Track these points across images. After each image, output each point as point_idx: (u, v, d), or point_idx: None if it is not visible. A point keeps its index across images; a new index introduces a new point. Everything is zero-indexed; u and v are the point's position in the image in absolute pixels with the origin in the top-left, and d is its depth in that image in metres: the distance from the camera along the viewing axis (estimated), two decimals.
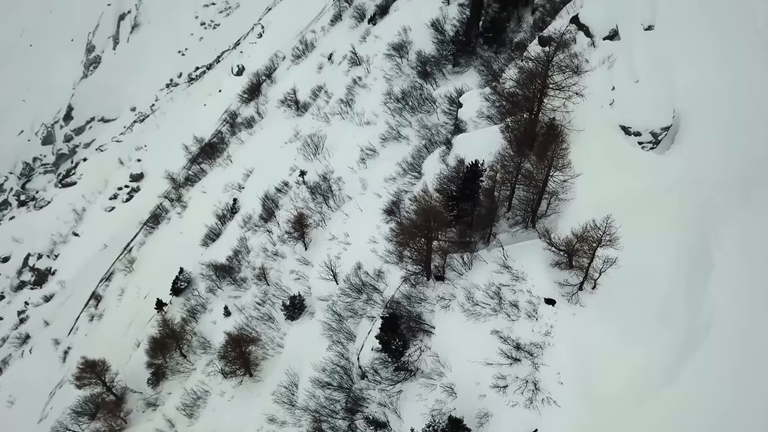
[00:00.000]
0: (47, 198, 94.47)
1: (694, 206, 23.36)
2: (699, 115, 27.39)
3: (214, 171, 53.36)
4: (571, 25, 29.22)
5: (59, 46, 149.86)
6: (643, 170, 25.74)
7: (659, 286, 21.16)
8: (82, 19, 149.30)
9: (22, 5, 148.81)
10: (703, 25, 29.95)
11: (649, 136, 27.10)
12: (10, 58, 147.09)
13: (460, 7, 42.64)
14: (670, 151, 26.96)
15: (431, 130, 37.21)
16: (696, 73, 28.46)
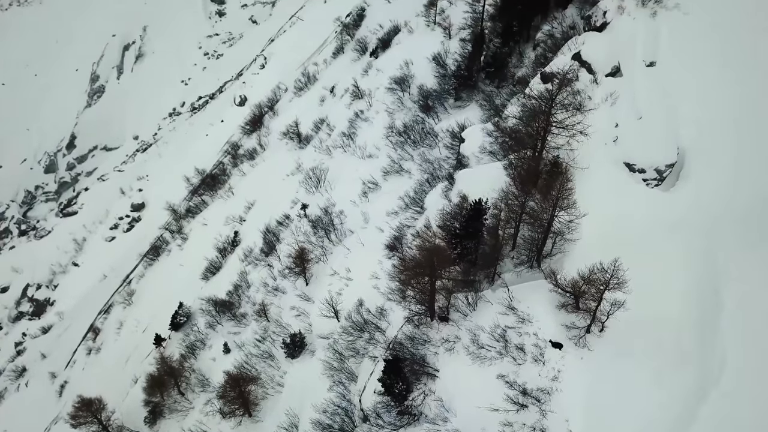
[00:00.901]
0: (48, 227, 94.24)
1: (702, 245, 22.99)
2: (704, 151, 27.25)
3: (215, 203, 53.20)
4: (573, 62, 29.29)
5: (64, 75, 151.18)
6: (649, 208, 25.46)
7: (669, 328, 20.67)
8: (87, 50, 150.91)
9: (28, 36, 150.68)
10: (705, 60, 30.06)
11: (653, 173, 26.92)
12: (15, 88, 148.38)
13: (462, 42, 42.95)
14: (676, 188, 26.73)
15: (433, 164, 37.09)
16: (699, 109, 28.45)
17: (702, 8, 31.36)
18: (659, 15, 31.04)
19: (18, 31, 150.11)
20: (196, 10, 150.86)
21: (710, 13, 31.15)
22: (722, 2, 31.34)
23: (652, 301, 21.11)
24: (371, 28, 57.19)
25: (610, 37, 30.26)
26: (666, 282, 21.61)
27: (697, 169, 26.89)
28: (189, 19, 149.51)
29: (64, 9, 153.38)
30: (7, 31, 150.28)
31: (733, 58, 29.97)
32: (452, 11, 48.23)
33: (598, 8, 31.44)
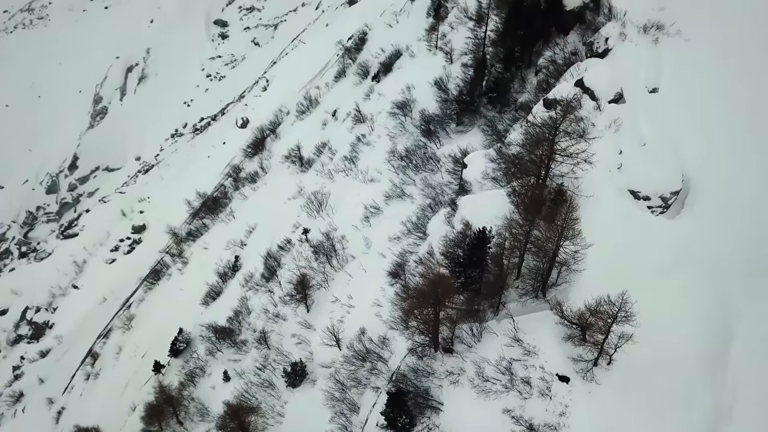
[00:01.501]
0: (48, 249, 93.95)
1: (710, 276, 22.64)
2: (709, 179, 27.04)
3: (216, 226, 52.96)
4: (575, 88, 29.24)
5: (67, 97, 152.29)
6: (654, 236, 25.16)
7: (678, 362, 20.24)
8: (90, 72, 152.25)
9: (33, 58, 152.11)
10: (707, 87, 30.02)
11: (658, 201, 26.68)
12: (18, 109, 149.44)
13: (464, 67, 42.99)
14: (681, 216, 26.48)
15: (435, 189, 36.90)
16: (702, 135, 28.31)
17: (703, 35, 31.42)
18: (661, 41, 31.11)
19: (23, 53, 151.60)
20: (199, 33, 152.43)
21: (711, 40, 31.20)
22: (723, 29, 31.42)
23: (660, 333, 20.71)
24: (373, 52, 57.48)
25: (612, 64, 30.26)
26: (674, 314, 21.22)
27: (702, 197, 26.67)
28: (192, 42, 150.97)
29: (69, 31, 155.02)
30: (13, 53, 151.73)
31: (734, 85, 29.93)
32: (454, 36, 48.45)
33: (599, 35, 31.51)
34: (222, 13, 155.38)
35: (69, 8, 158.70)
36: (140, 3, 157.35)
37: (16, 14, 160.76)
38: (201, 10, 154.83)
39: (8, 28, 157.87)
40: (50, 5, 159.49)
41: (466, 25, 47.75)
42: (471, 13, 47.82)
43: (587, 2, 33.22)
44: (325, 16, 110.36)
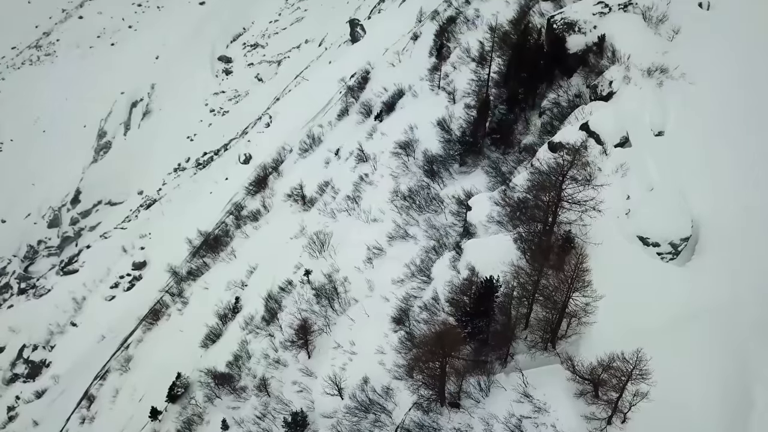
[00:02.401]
0: (48, 286, 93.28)
1: (725, 329, 21.94)
2: (720, 223, 26.58)
3: (217, 266, 52.40)
4: (581, 132, 29.03)
5: (72, 132, 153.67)
6: (665, 285, 24.55)
7: (695, 424, 19.36)
8: (95, 107, 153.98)
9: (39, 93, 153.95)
10: (712, 130, 29.85)
11: (668, 247, 26.17)
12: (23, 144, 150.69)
13: (467, 107, 43.03)
14: (692, 263, 25.92)
15: (439, 230, 36.42)
16: (711, 179, 27.99)
17: (707, 78, 31.39)
18: (665, 85, 31.05)
19: (29, 89, 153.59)
20: (203, 69, 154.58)
21: (716, 83, 31.16)
22: (727, 72, 31.42)
23: (676, 391, 19.88)
24: (376, 91, 57.79)
25: (617, 107, 30.12)
26: (690, 371, 20.44)
27: (713, 243, 26.17)
28: (196, 77, 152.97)
29: (75, 67, 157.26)
30: (19, 89, 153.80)
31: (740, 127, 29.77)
32: (456, 76, 48.70)
33: (603, 78, 31.47)
34: (226, 50, 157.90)
35: (76, 45, 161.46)
36: (146, 40, 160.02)
37: (23, 51, 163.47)
38: (206, 46, 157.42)
39: (16, 64, 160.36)
40: (58, 42, 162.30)
41: (469, 65, 48.08)
42: (473, 54, 48.21)
43: (590, 46, 33.31)
44: (328, 54, 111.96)
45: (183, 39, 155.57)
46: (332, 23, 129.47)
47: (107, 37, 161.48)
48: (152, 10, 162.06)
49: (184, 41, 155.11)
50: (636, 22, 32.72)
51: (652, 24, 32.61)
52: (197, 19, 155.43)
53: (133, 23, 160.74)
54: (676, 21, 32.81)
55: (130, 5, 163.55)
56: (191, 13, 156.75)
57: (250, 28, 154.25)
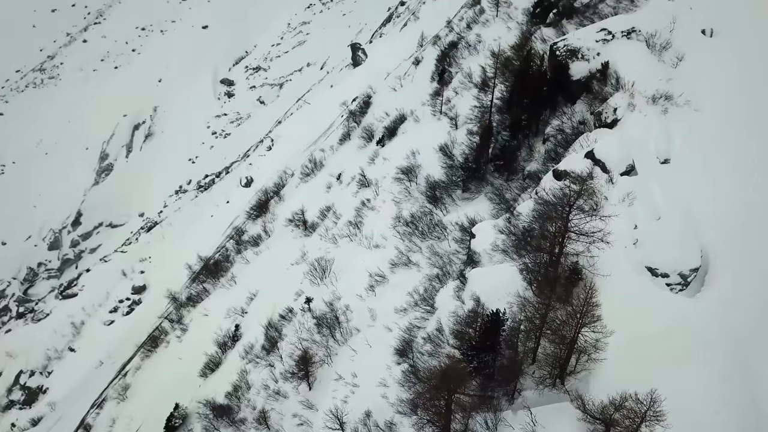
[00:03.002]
0: (46, 310, 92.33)
1: (739, 364, 21.29)
2: (728, 253, 26.08)
3: (216, 292, 51.73)
4: (586, 160, 28.67)
5: (74, 154, 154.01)
6: (676, 317, 23.93)
7: None
8: (98, 129, 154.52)
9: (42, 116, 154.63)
10: (718, 157, 29.50)
11: (677, 278, 25.61)
12: (25, 166, 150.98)
13: (469, 132, 42.81)
14: (702, 294, 25.34)
15: (443, 258, 35.88)
16: (719, 207, 27.54)
17: (712, 105, 31.14)
18: (670, 112, 30.79)
19: (33, 112, 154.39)
20: (206, 91, 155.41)
21: (720, 110, 30.91)
22: (731, 100, 31.21)
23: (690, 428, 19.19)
24: (377, 116, 57.71)
25: (622, 135, 29.81)
26: (705, 408, 19.74)
27: (722, 273, 25.67)
28: (199, 100, 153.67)
29: (78, 90, 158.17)
30: (23, 112, 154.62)
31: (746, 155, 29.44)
32: (458, 101, 48.60)
33: (608, 105, 31.24)
34: (229, 73, 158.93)
35: (80, 68, 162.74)
36: (149, 63, 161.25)
37: (27, 74, 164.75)
38: (208, 69, 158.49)
39: (20, 87, 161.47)
40: (62, 65, 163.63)
41: (471, 90, 48.01)
42: (475, 79, 48.18)
43: (594, 73, 33.17)
44: (330, 78, 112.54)
45: (186, 62, 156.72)
46: (334, 47, 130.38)
47: (111, 61, 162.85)
48: (156, 34, 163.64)
49: (187, 64, 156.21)
50: (640, 49, 32.62)
51: (655, 51, 32.52)
52: (200, 42, 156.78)
53: (136, 47, 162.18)
54: (680, 48, 32.71)
55: (134, 29, 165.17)
56: (194, 37, 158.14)
57: (252, 51, 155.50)
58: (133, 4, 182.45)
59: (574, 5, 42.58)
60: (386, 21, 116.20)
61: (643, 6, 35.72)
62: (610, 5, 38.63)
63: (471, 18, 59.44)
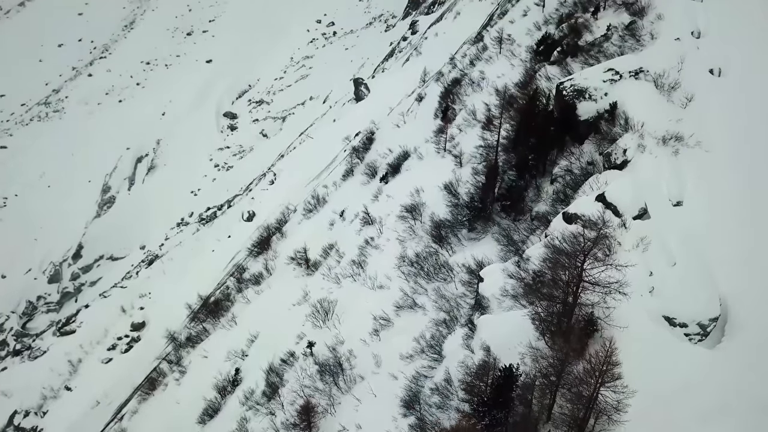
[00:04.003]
0: (43, 347, 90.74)
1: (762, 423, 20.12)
2: (749, 301, 25.07)
3: (216, 333, 50.49)
4: (597, 203, 27.91)
5: (77, 187, 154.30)
6: (695, 370, 22.82)
7: None
8: (101, 162, 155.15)
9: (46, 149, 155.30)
10: (731, 199, 28.77)
11: (696, 328, 24.54)
12: (27, 199, 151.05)
13: (474, 171, 42.24)
14: (722, 345, 24.22)
15: (450, 301, 34.86)
16: (735, 252, 26.65)
17: (723, 146, 30.55)
18: (681, 153, 30.15)
19: (37, 145, 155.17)
20: (209, 125, 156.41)
21: (732, 151, 30.31)
22: (742, 139, 30.65)
23: None
24: (381, 152, 57.34)
25: (633, 177, 29.12)
26: None
27: (744, 323, 24.59)
28: (202, 133, 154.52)
29: (82, 124, 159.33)
30: (27, 145, 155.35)
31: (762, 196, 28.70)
32: (462, 138, 48.28)
33: (617, 146, 30.63)
34: (232, 106, 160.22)
35: (85, 102, 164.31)
36: (153, 96, 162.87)
37: (33, 107, 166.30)
38: (211, 103, 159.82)
39: (24, 121, 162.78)
40: (66, 99, 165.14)
41: (475, 128, 47.69)
42: (479, 116, 47.90)
43: (602, 113, 32.69)
44: (333, 112, 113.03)
45: (189, 96, 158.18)
46: (336, 81, 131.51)
47: (115, 94, 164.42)
48: (160, 68, 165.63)
49: (191, 98, 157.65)
50: (648, 90, 32.21)
51: (664, 91, 32.10)
52: (204, 76, 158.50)
53: (141, 81, 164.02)
54: (689, 88, 32.29)
55: (139, 63, 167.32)
56: (198, 71, 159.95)
57: (255, 84, 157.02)
58: (139, 39, 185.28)
59: (578, 44, 42.47)
60: (388, 56, 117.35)
61: (650, 45, 35.47)
62: (615, 44, 38.45)
63: (474, 55, 59.61)
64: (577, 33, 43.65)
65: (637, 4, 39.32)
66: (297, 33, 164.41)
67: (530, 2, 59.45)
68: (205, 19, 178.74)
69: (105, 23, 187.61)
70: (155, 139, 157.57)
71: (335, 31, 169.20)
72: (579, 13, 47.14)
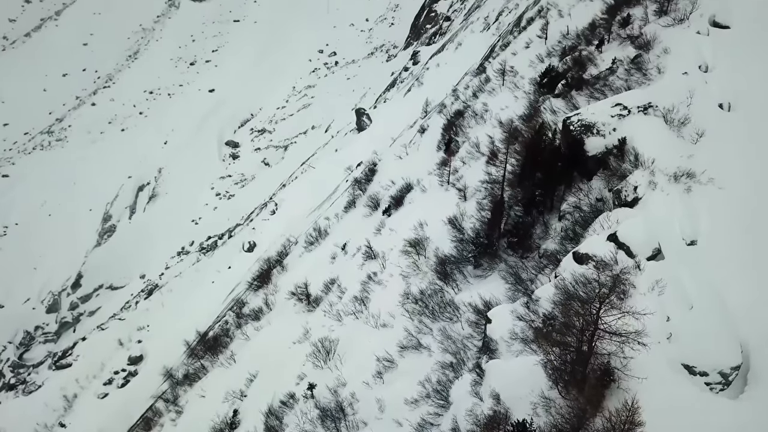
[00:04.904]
0: (38, 382, 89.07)
1: None
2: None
3: (215, 371, 49.14)
4: (609, 243, 26.93)
5: (77, 215, 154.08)
6: (720, 423, 21.51)
7: None
8: (102, 191, 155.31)
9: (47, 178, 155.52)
10: (746, 237, 27.76)
11: (717, 377, 23.23)
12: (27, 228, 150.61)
13: (479, 205, 41.39)
14: (746, 395, 22.92)
15: (456, 343, 33.60)
16: (755, 294, 25.55)
17: (736, 182, 29.67)
18: (694, 190, 29.23)
19: (39, 173, 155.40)
20: (211, 153, 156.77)
21: (745, 188, 29.44)
22: (756, 175, 29.80)
23: None
24: (383, 184, 56.71)
25: (645, 215, 28.17)
26: None
27: (766, 370, 23.34)
28: (204, 162, 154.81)
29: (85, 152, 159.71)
30: (29, 174, 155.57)
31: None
32: (466, 171, 47.60)
33: (627, 183, 29.75)
34: (234, 135, 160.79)
35: (87, 131, 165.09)
36: (156, 125, 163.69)
37: (35, 136, 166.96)
38: (214, 131, 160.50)
39: (27, 149, 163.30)
40: (69, 128, 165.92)
41: (479, 161, 47.06)
42: (483, 149, 47.30)
43: (610, 148, 31.93)
44: (335, 141, 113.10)
45: (192, 125, 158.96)
46: (338, 110, 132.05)
47: (118, 123, 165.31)
48: (163, 97, 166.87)
49: (193, 127, 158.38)
50: (657, 125, 31.51)
51: (674, 126, 31.39)
52: (207, 105, 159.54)
53: (144, 110, 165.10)
54: (699, 123, 31.57)
55: (142, 92, 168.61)
56: (201, 100, 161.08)
57: (258, 113, 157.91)
58: (143, 69, 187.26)
59: (582, 77, 42.03)
60: (390, 86, 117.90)
61: (657, 80, 34.94)
62: (621, 78, 37.94)
63: (477, 86, 59.40)
64: (581, 66, 43.30)
65: (642, 38, 38.93)
66: (299, 62, 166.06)
67: (532, 34, 59.50)
68: (208, 49, 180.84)
69: (109, 53, 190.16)
70: (157, 167, 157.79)
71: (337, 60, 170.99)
72: (582, 46, 46.92)
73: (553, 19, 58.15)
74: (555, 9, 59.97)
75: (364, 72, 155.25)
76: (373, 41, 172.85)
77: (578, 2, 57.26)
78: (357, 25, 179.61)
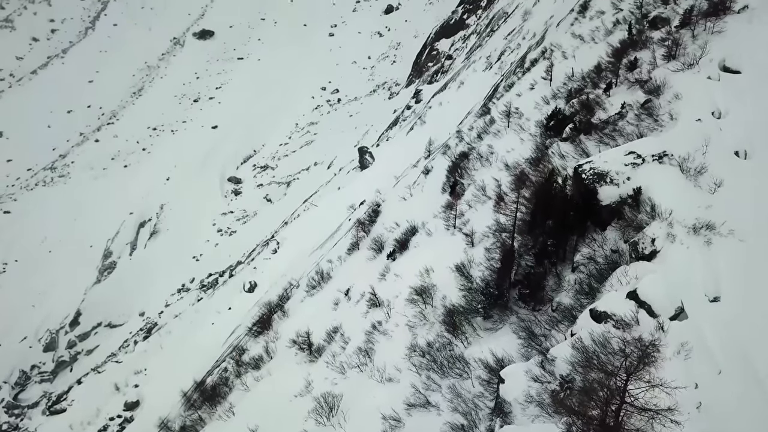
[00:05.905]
0: (31, 428, 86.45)
1: None
2: None
3: (213, 423, 47.03)
4: (629, 301, 25.55)
5: (78, 252, 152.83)
6: None
7: None
8: (103, 227, 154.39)
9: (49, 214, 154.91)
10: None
11: None
12: (27, 265, 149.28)
13: (487, 253, 40.08)
14: None
15: (467, 402, 31.82)
16: None
17: (758, 233, 28.47)
18: (714, 243, 28.00)
19: (40, 210, 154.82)
20: (213, 189, 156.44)
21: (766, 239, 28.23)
22: None
23: None
24: (387, 226, 55.54)
25: (665, 270, 26.85)
26: None
27: None
28: (205, 198, 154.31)
29: (87, 189, 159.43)
30: (30, 210, 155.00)
31: None
32: (472, 215, 46.47)
33: (645, 235, 28.52)
34: (236, 171, 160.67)
35: (90, 167, 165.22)
36: (158, 162, 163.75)
37: (38, 172, 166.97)
38: (216, 168, 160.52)
39: (29, 185, 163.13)
40: (72, 164, 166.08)
41: (485, 204, 45.98)
42: (489, 192, 46.28)
43: (625, 198, 30.81)
44: (337, 179, 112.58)
45: (194, 161, 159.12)
46: (341, 147, 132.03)
47: (121, 159, 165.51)
48: (167, 133, 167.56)
49: (196, 163, 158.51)
50: (674, 174, 30.48)
51: (690, 176, 30.35)
52: (209, 142, 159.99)
53: (147, 146, 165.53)
54: (716, 172, 30.56)
55: (146, 129, 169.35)
56: (204, 137, 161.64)
57: (260, 150, 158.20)
58: (147, 105, 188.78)
59: (591, 121, 41.27)
60: (392, 124, 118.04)
61: (670, 126, 34.07)
62: (631, 123, 37.14)
63: (481, 128, 58.80)
64: (588, 109, 42.58)
65: (651, 82, 38.30)
66: (302, 99, 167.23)
67: (537, 76, 59.17)
68: (212, 86, 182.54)
69: (114, 90, 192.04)
70: (159, 203, 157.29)
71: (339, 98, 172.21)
72: (589, 89, 46.35)
73: (557, 61, 57.90)
74: (559, 50, 59.83)
75: (366, 109, 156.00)
76: (375, 79, 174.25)
77: (582, 44, 57.11)
78: (359, 62, 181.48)
